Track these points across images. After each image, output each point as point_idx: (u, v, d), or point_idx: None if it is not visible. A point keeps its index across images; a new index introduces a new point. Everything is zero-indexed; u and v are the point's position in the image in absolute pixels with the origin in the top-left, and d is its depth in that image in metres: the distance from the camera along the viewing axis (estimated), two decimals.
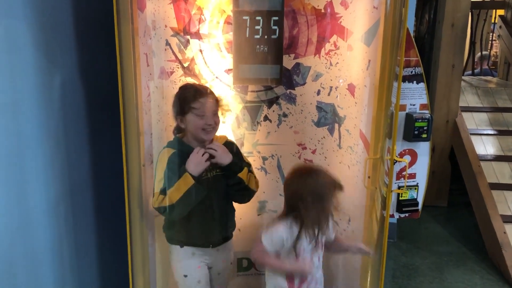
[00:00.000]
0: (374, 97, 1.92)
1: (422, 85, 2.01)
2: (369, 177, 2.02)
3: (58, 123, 1.99)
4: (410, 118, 2.03)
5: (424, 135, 2.03)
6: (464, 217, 4.58)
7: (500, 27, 6.05)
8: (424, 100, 2.05)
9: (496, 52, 8.45)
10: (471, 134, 4.51)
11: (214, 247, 2.11)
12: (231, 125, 2.40)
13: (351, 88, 2.17)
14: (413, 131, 2.02)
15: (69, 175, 2.14)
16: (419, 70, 2.00)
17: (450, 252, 3.88)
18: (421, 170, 2.13)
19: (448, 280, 3.41)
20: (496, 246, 3.61)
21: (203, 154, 1.93)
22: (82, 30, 2.12)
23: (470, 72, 6.43)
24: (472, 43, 6.12)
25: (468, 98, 4.95)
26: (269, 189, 2.50)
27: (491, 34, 7.36)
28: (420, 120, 2.02)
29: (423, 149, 2.11)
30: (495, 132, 4.64)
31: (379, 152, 1.88)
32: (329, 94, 2.28)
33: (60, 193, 2.05)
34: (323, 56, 2.26)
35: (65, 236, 2.11)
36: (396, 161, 1.88)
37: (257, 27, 2.27)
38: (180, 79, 2.27)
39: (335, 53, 2.21)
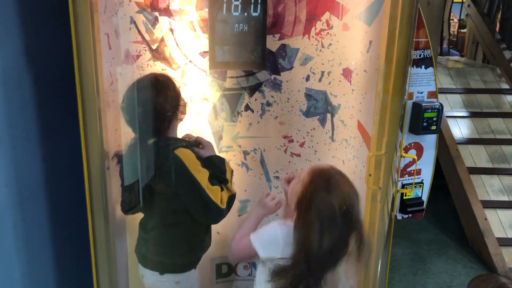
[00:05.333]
0: (379, 84, 1.66)
1: (431, 70, 1.78)
2: (370, 175, 1.78)
3: (1, 121, 1.63)
4: (418, 108, 1.80)
5: (434, 127, 1.80)
6: (439, 201, 4.50)
7: (469, 5, 5.97)
8: (433, 87, 1.82)
9: (453, 31, 8.55)
10: (446, 116, 4.39)
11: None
12: (207, 116, 2.11)
13: (346, 74, 1.91)
14: (421, 122, 1.79)
15: (17, 179, 1.80)
16: (428, 52, 1.76)
17: (429, 240, 3.77)
18: (427, 165, 1.91)
19: (432, 271, 3.29)
20: (478, 233, 3.52)
21: None
22: (27, 7, 1.74)
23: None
24: (441, 22, 6.02)
25: (442, 79, 4.82)
26: (251, 187, 2.24)
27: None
28: (429, 110, 1.78)
29: (429, 142, 1.89)
30: (469, 114, 4.55)
31: (383, 148, 1.64)
32: (320, 80, 2.02)
33: (7, 202, 1.71)
34: (313, 37, 1.99)
35: (14, 250, 1.78)
36: (403, 156, 1.64)
37: (235, 2, 1.99)
38: (148, 64, 1.94)
39: (328, 33, 1.95)
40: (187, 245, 1.77)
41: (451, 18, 7.68)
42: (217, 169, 1.72)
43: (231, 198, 1.73)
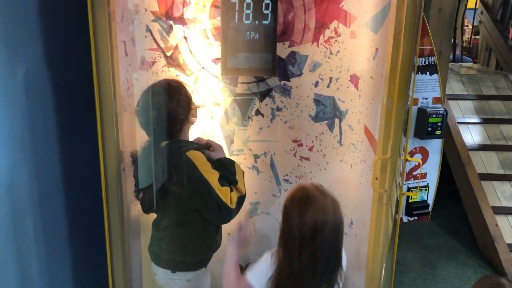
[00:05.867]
0: (384, 90, 1.72)
1: (436, 76, 1.82)
2: (376, 178, 1.83)
3: (23, 123, 1.72)
4: (423, 113, 1.84)
5: (438, 132, 1.85)
6: (450, 207, 4.50)
7: (482, 12, 5.97)
8: (438, 93, 1.87)
9: (467, 38, 8.51)
10: (457, 123, 4.40)
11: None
12: (219, 120, 2.18)
13: (354, 80, 1.97)
14: (426, 127, 1.83)
15: (38, 182, 1.88)
16: (433, 60, 1.80)
17: (440, 245, 3.78)
18: (432, 169, 1.95)
19: (442, 276, 3.30)
20: (488, 239, 3.52)
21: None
22: (49, 15, 1.83)
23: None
24: (454, 29, 6.02)
25: (453, 86, 4.83)
26: (261, 190, 2.30)
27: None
28: (434, 116, 1.83)
29: (434, 147, 1.93)
30: (481, 121, 4.55)
31: (389, 151, 1.69)
32: (328, 86, 2.07)
33: (28, 203, 1.79)
34: (321, 44, 2.05)
35: (34, 250, 1.86)
36: (408, 160, 1.68)
37: (247, 11, 2.05)
38: (162, 70, 2.02)
39: (336, 40, 2.00)
40: (197, 244, 1.83)
41: (466, 24, 7.66)
42: (226, 170, 1.78)
43: (241, 198, 1.78)
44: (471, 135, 4.39)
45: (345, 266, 1.51)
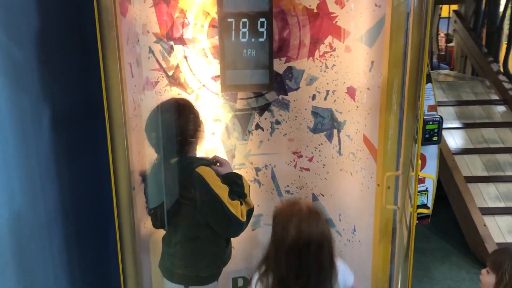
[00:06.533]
0: (382, 100, 1.81)
1: (430, 85, 1.93)
2: (378, 185, 1.91)
3: (29, 145, 1.74)
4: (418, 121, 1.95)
5: (435, 138, 1.95)
6: (439, 210, 4.61)
7: (455, 21, 6.21)
8: (432, 101, 1.97)
9: (441, 45, 8.80)
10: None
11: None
12: (221, 135, 2.23)
13: (350, 92, 2.05)
14: (424, 134, 1.93)
15: (45, 204, 1.90)
16: (427, 70, 1.91)
17: (432, 248, 3.88)
18: (430, 174, 2.04)
19: (437, 278, 3.39)
20: (478, 240, 3.64)
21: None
22: (51, 43, 1.87)
23: None
24: (430, 38, 6.24)
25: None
26: (263, 202, 2.35)
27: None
28: (430, 123, 1.92)
29: (432, 152, 2.02)
30: (463, 125, 4.72)
31: (401, 168, 1.72)
32: (325, 99, 2.16)
33: (34, 225, 1.80)
34: (317, 59, 2.13)
35: (40, 275, 1.86)
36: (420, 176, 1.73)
37: (243, 29, 2.11)
38: (165, 90, 2.07)
39: (331, 55, 2.09)
40: (209, 257, 1.86)
41: (438, 33, 7.94)
42: (235, 184, 1.83)
43: (250, 211, 1.84)
44: (455, 140, 4.55)
45: (350, 282, 1.57)
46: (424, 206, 2.05)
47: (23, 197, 1.76)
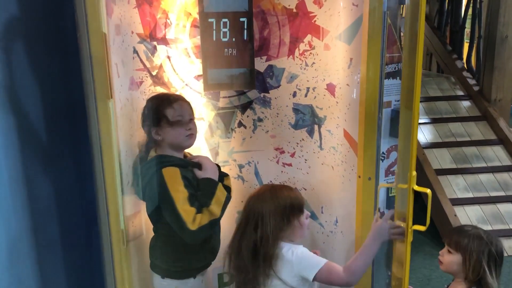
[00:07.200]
0: (361, 95, 1.89)
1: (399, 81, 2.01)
2: (359, 176, 1.99)
3: (14, 148, 1.74)
4: (396, 114, 2.03)
5: None
6: None
7: None
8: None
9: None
10: None
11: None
12: (204, 133, 2.27)
13: (330, 88, 2.13)
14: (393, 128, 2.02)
15: (31, 206, 1.90)
16: (401, 66, 2.00)
17: None
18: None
19: (412, 267, 3.50)
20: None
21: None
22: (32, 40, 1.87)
23: None
24: None
25: None
26: (247, 198, 2.39)
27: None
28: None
29: None
30: (431, 121, 4.91)
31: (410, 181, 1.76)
32: (306, 96, 2.22)
33: (21, 229, 1.82)
34: (297, 57, 2.20)
35: (30, 276, 1.87)
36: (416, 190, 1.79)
37: (224, 29, 2.17)
38: (149, 89, 2.09)
39: (311, 53, 2.16)
40: (178, 253, 1.89)
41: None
42: (202, 192, 1.81)
43: (213, 221, 1.79)
44: (424, 135, 4.72)
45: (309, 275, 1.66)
46: None
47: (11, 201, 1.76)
